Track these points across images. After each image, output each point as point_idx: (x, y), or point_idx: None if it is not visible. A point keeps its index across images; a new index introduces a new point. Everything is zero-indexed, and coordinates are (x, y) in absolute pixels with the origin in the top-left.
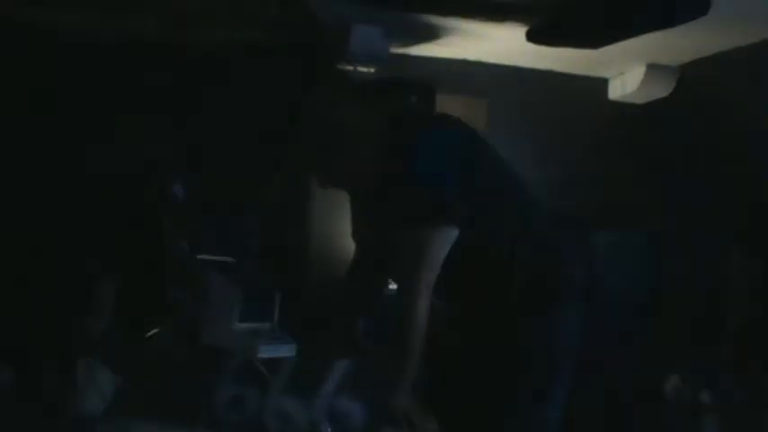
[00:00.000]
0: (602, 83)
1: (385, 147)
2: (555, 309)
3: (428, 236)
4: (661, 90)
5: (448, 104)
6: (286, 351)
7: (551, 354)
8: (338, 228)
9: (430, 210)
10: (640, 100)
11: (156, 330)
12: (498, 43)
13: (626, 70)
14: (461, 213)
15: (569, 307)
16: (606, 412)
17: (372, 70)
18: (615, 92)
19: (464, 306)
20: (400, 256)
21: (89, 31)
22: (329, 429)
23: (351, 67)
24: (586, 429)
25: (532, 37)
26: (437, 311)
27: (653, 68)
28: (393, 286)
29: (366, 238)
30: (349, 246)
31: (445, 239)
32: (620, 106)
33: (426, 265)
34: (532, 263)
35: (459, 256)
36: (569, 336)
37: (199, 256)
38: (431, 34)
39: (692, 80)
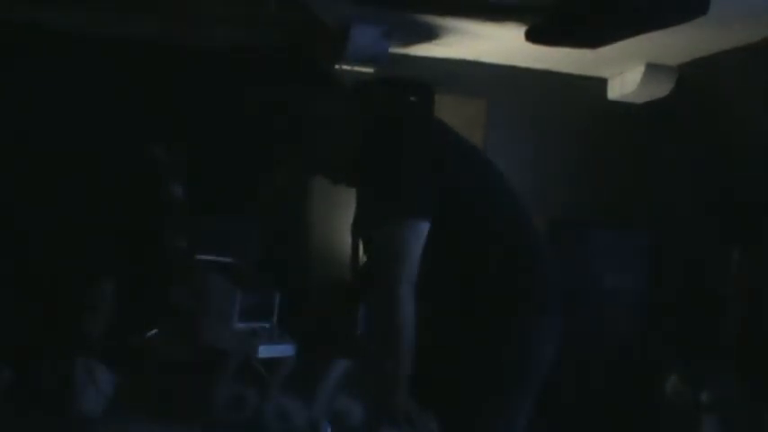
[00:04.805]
0: (602, 83)
1: (366, 144)
2: (525, 310)
3: (400, 231)
4: (660, 90)
5: (447, 104)
6: (285, 351)
7: (520, 355)
8: (338, 228)
9: (401, 206)
10: (639, 100)
11: (155, 330)
12: (497, 43)
13: (625, 70)
14: (434, 211)
15: (540, 310)
16: (606, 412)
17: (372, 70)
18: (614, 92)
19: (436, 305)
20: (377, 252)
21: (89, 30)
22: (329, 429)
23: (350, 67)
24: (587, 429)
25: (531, 37)
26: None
27: (652, 68)
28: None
29: (356, 234)
30: (348, 246)
31: (418, 235)
32: (620, 106)
33: (401, 261)
34: (504, 266)
35: (432, 256)
36: (539, 339)
37: (199, 256)
38: (430, 34)
39: (690, 80)
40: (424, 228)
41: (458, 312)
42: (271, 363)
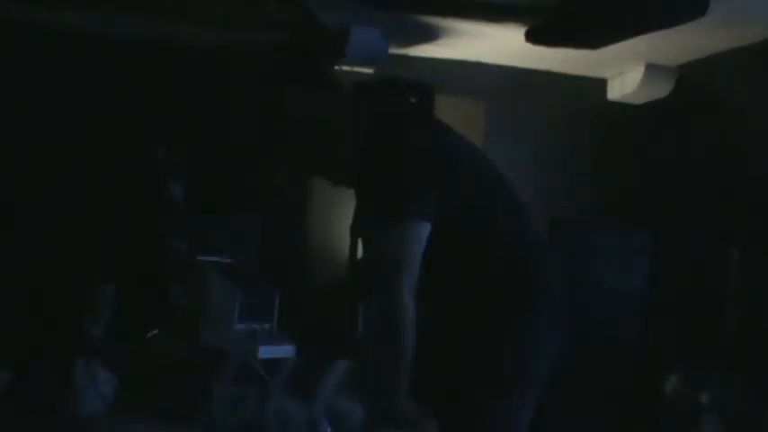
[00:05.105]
0: (602, 83)
1: (366, 145)
2: (526, 310)
3: (400, 232)
4: (660, 90)
5: (447, 105)
6: (285, 352)
7: (520, 355)
8: (338, 228)
9: (402, 207)
10: (639, 100)
11: (156, 330)
12: (497, 44)
13: (625, 70)
14: (434, 211)
15: (541, 310)
16: (606, 412)
17: (372, 70)
18: (614, 92)
19: (436, 305)
20: (377, 253)
21: (89, 30)
22: (329, 429)
23: (350, 68)
24: (586, 429)
25: (531, 37)
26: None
27: (652, 69)
28: None
29: (356, 234)
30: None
31: (419, 236)
32: (619, 106)
33: (401, 262)
34: (504, 266)
35: (432, 256)
36: (540, 340)
37: (198, 256)
38: (430, 35)
39: (690, 80)
40: (425, 229)
41: (458, 312)
42: (271, 363)
